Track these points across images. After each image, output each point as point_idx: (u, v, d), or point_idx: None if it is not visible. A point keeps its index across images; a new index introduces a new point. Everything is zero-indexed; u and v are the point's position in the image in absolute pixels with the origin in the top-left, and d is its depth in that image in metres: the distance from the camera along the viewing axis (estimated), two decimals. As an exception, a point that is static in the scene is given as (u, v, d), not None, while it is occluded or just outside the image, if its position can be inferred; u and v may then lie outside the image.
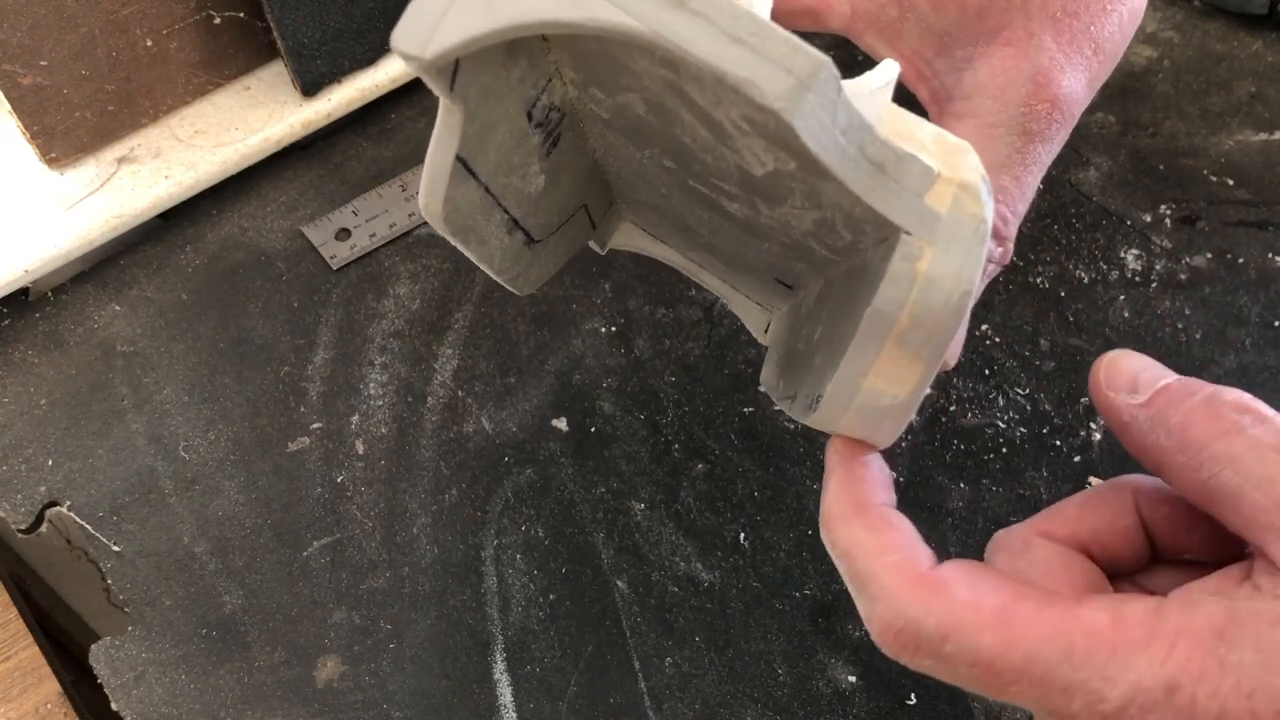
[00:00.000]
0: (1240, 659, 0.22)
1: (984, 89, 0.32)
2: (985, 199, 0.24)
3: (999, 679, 0.23)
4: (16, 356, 0.49)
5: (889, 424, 0.27)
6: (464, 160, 0.27)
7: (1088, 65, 0.32)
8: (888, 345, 0.25)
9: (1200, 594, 0.23)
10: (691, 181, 0.30)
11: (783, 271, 0.34)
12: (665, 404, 0.47)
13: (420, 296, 0.51)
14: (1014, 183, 0.32)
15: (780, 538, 0.43)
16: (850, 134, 0.23)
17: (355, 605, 0.42)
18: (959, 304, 0.25)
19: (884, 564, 0.25)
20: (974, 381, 0.47)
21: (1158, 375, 0.26)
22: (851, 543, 0.26)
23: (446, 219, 0.28)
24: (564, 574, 0.43)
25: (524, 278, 0.35)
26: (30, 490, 0.46)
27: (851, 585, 0.26)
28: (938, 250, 0.24)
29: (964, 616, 0.23)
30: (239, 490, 0.45)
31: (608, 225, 0.39)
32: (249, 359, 0.49)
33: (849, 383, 0.26)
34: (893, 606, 0.24)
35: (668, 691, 0.40)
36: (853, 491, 0.27)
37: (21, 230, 0.51)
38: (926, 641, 0.24)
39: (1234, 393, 0.25)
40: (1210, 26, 0.59)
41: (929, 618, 0.24)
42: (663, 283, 0.51)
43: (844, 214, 0.25)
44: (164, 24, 0.51)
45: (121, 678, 0.41)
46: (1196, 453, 0.24)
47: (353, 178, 0.55)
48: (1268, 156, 0.54)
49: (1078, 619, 0.23)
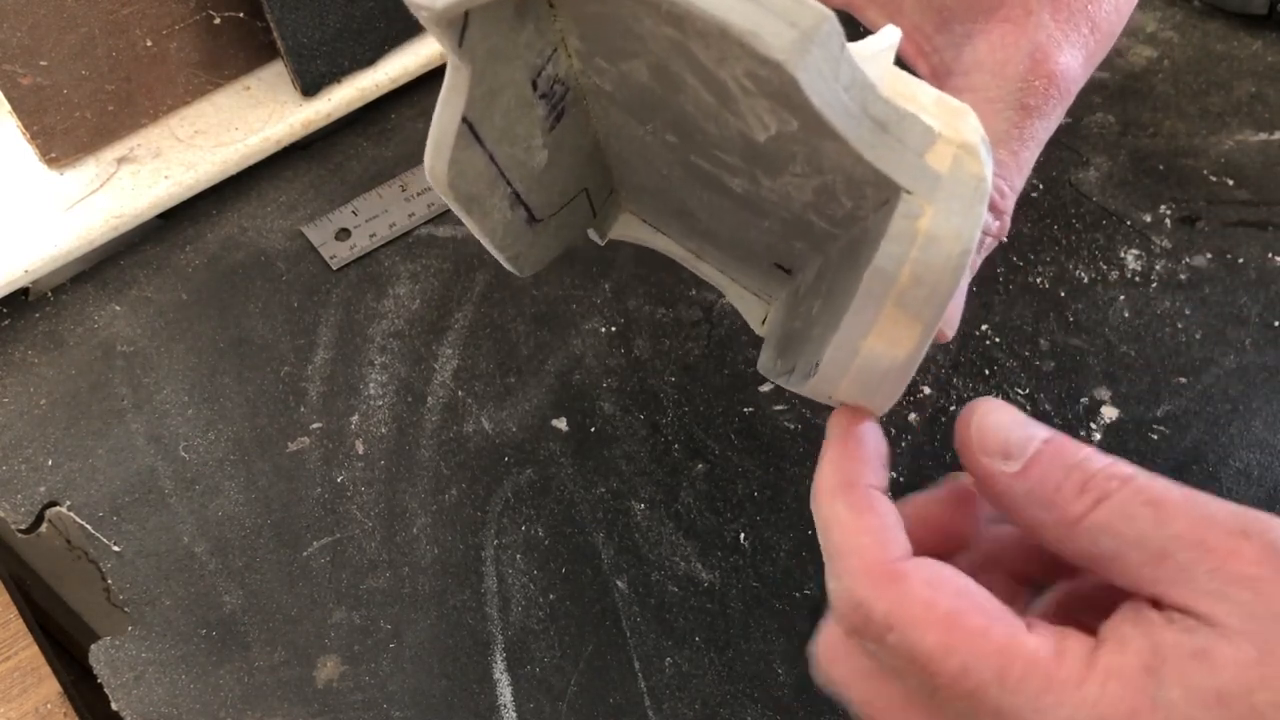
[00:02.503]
0: (1169, 695, 0.22)
1: (983, 64, 0.33)
2: (985, 159, 0.25)
3: (932, 680, 0.23)
4: (16, 356, 0.49)
5: (887, 387, 0.27)
6: (470, 123, 0.27)
7: (1085, 43, 0.33)
8: (887, 306, 0.25)
9: (1128, 629, 0.23)
10: (693, 157, 0.30)
11: (781, 254, 0.34)
12: (665, 404, 0.47)
13: (420, 296, 0.51)
14: (1011, 157, 0.32)
15: (780, 538, 0.43)
16: (853, 91, 0.23)
17: (355, 605, 0.42)
18: (959, 262, 0.25)
19: (854, 545, 0.25)
20: (974, 381, 0.47)
21: (1028, 435, 0.26)
22: (832, 518, 0.26)
23: (451, 184, 0.28)
24: (564, 574, 0.43)
25: (524, 257, 0.35)
26: (30, 490, 0.46)
27: (825, 558, 0.26)
28: (938, 209, 0.24)
29: (913, 612, 0.24)
30: (239, 490, 0.45)
31: (608, 214, 0.39)
32: (249, 359, 0.49)
33: (848, 345, 0.26)
34: (850, 587, 0.25)
35: (668, 691, 0.40)
36: (845, 467, 0.27)
37: (21, 230, 0.51)
38: (873, 626, 0.24)
39: (1101, 460, 0.25)
40: (1210, 26, 0.59)
41: (879, 604, 0.24)
42: (663, 283, 0.51)
43: (845, 178, 0.26)
44: (164, 24, 0.51)
45: (121, 678, 0.41)
46: (1071, 526, 0.24)
47: (353, 178, 0.55)
48: (1267, 156, 0.54)
49: (1021, 644, 0.23)
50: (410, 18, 0.41)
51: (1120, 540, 0.23)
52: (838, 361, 0.27)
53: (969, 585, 0.25)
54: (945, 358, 0.48)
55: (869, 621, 0.24)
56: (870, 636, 0.24)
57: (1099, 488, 0.24)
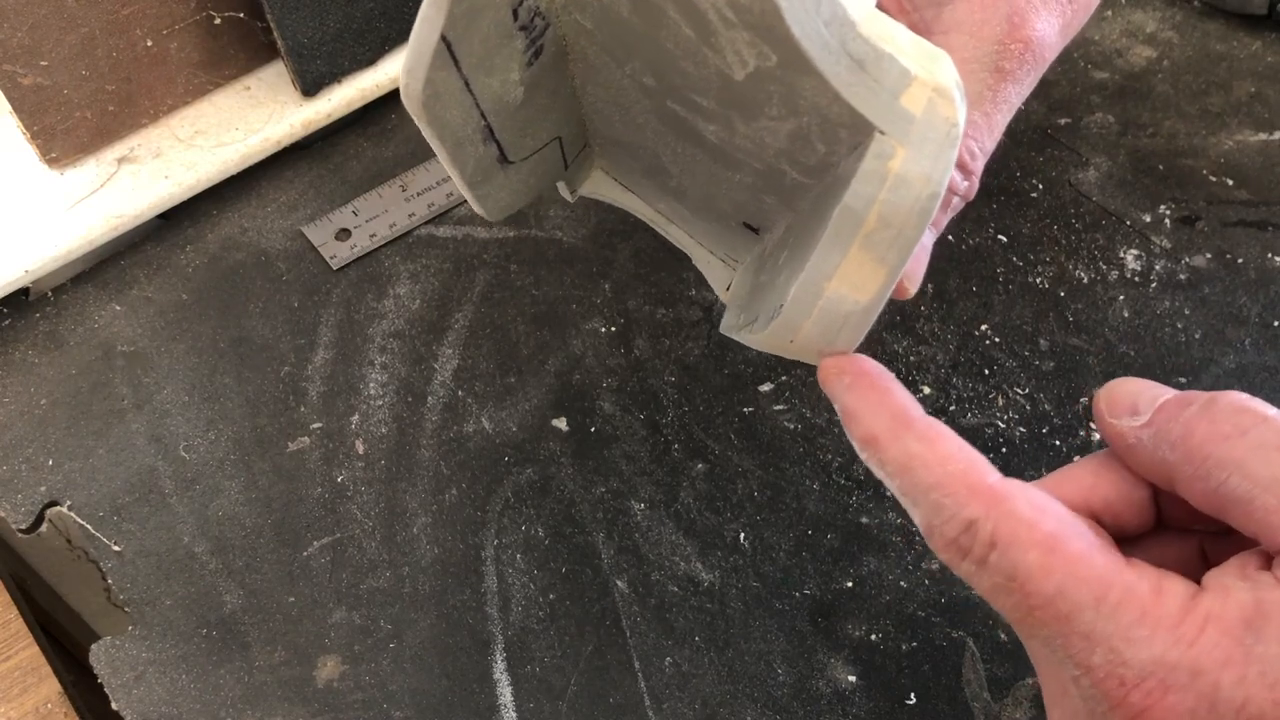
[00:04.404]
0: (1266, 650, 0.22)
1: (961, 25, 0.33)
2: (959, 103, 0.25)
3: (1027, 600, 0.24)
4: (17, 356, 0.49)
5: (847, 332, 0.27)
6: (448, 41, 0.27)
7: (1062, 12, 0.34)
8: (854, 248, 0.26)
9: (1233, 580, 0.23)
10: (669, 102, 0.30)
11: (751, 212, 0.34)
12: (665, 404, 0.47)
13: (420, 296, 0.51)
14: (984, 119, 0.33)
15: (780, 538, 0.43)
16: (833, 26, 0.23)
17: (355, 605, 0.42)
18: (926, 205, 0.25)
19: (948, 473, 0.25)
20: (974, 381, 0.47)
21: (1157, 394, 0.26)
22: (907, 457, 0.26)
23: (425, 104, 0.28)
24: (564, 574, 0.43)
25: (492, 199, 0.35)
26: (30, 490, 0.46)
27: (907, 498, 0.26)
28: (910, 151, 0.25)
29: (1016, 530, 0.24)
30: (239, 490, 0.45)
31: (580, 169, 0.39)
32: (249, 359, 0.49)
33: (813, 286, 0.27)
34: (956, 512, 0.25)
35: (668, 691, 0.40)
36: (887, 405, 0.27)
37: (22, 230, 0.51)
38: (980, 547, 0.24)
39: (1231, 395, 0.25)
40: (1210, 26, 0.59)
41: (988, 522, 0.24)
42: (663, 283, 0.51)
43: (820, 120, 0.26)
44: (164, 24, 0.51)
45: (122, 677, 0.41)
46: (1201, 462, 0.24)
47: (353, 178, 0.55)
48: (1267, 156, 0.54)
49: (1120, 574, 0.23)
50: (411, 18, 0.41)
51: (1254, 483, 0.23)
52: (801, 302, 0.27)
53: (1069, 514, 0.25)
54: (945, 358, 0.48)
55: (976, 541, 0.24)
56: (974, 558, 0.24)
57: (1228, 423, 0.24)
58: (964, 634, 0.41)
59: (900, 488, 0.26)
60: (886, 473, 0.26)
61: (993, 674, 0.40)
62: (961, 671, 0.40)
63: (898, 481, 0.26)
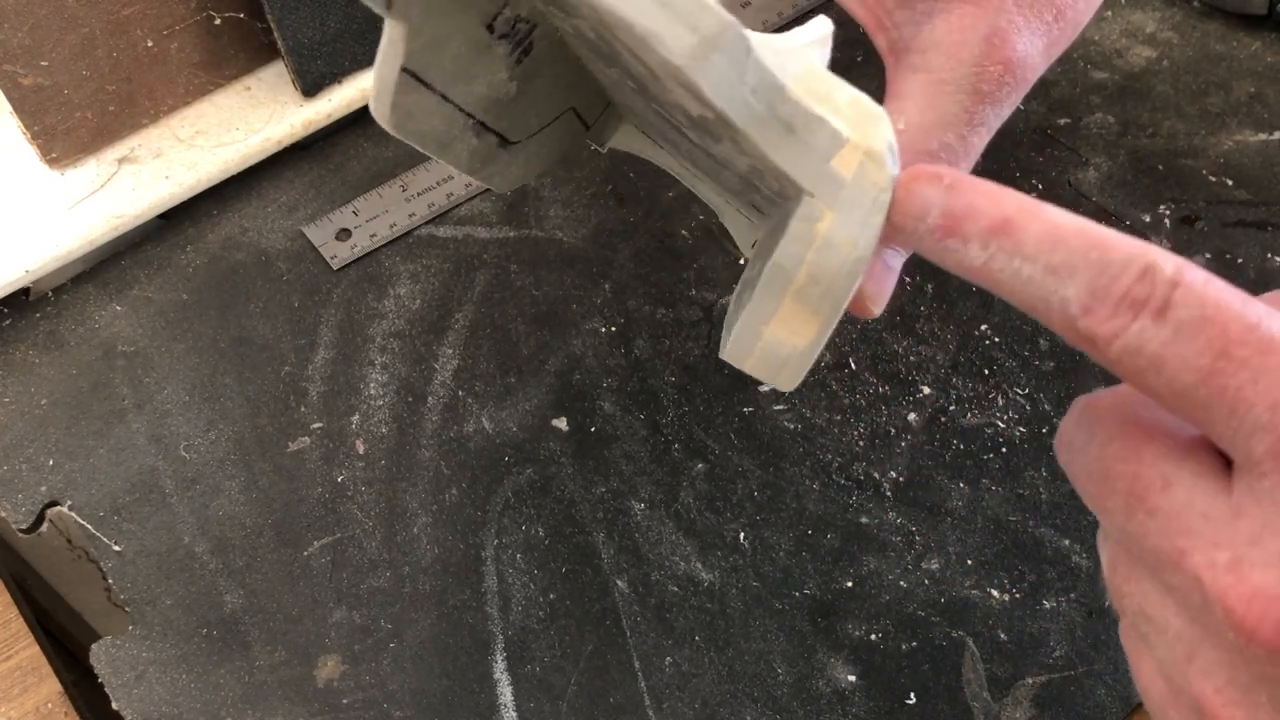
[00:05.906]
0: None
1: (939, 45, 0.32)
2: (890, 168, 0.25)
3: (1224, 331, 0.21)
4: (17, 356, 0.50)
5: (788, 371, 0.28)
6: (413, 72, 0.27)
7: (1047, 31, 0.32)
8: (787, 299, 0.26)
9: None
10: (654, 105, 0.30)
11: (746, 202, 0.35)
12: (665, 404, 0.47)
13: (420, 296, 0.51)
14: (959, 141, 0.32)
15: (780, 538, 0.43)
16: (760, 93, 0.23)
17: (355, 605, 0.42)
18: (853, 269, 0.25)
19: (1105, 231, 0.23)
20: (974, 381, 0.47)
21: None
22: (1054, 225, 0.23)
23: (397, 125, 0.28)
24: (564, 574, 0.43)
25: (499, 176, 0.35)
26: (31, 490, 0.46)
27: (1059, 274, 0.23)
28: (838, 215, 0.25)
29: (1197, 271, 0.22)
30: (239, 490, 0.45)
31: (606, 125, 0.39)
32: (249, 359, 0.49)
33: (752, 329, 0.27)
34: (1131, 258, 0.22)
35: (668, 691, 0.40)
36: (1004, 189, 0.24)
37: (22, 230, 0.51)
38: (1160, 287, 0.22)
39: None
40: (1209, 27, 0.59)
41: (1166, 262, 0.22)
42: (663, 283, 0.51)
43: (765, 165, 0.26)
44: (165, 24, 0.51)
45: (122, 677, 0.41)
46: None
47: (353, 178, 0.55)
48: (1267, 157, 0.54)
49: None
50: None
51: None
52: (743, 342, 0.28)
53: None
54: (945, 358, 0.48)
55: (1157, 284, 0.22)
56: (1154, 306, 0.22)
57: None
58: (964, 634, 0.41)
59: (1050, 264, 0.23)
60: (1027, 255, 0.24)
61: (993, 674, 0.40)
62: (961, 671, 0.40)
63: (1046, 259, 0.23)
